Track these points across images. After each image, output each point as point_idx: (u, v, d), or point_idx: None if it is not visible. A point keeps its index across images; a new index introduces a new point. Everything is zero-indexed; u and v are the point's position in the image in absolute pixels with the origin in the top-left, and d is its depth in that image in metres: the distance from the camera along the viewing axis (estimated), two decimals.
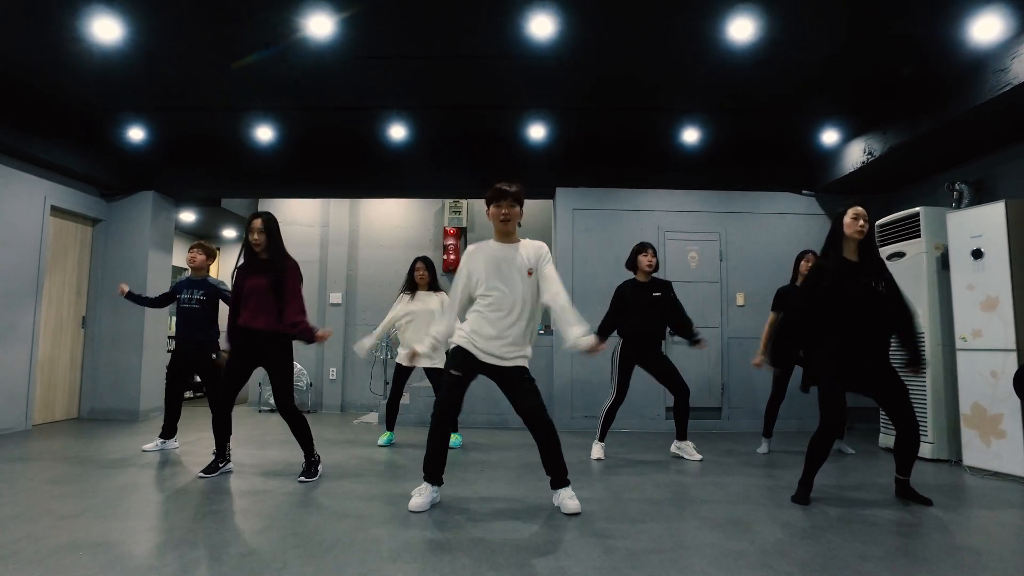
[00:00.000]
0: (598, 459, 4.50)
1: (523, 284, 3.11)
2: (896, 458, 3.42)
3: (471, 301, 3.20)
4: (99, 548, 2.48)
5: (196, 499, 3.26)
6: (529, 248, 3.19)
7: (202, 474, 3.73)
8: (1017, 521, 3.07)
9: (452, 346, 3.21)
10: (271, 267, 3.69)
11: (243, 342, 3.71)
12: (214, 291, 4.63)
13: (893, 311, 3.26)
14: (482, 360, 3.12)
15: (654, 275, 4.60)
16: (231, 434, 3.89)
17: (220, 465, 3.80)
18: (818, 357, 3.28)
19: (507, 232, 3.20)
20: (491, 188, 3.19)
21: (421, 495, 3.14)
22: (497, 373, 3.14)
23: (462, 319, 3.24)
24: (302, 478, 3.70)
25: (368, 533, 2.73)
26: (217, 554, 2.44)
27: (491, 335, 3.09)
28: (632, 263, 4.60)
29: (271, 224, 3.76)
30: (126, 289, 4.66)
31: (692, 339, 4.47)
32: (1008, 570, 2.39)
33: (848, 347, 3.22)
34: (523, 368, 3.14)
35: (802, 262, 4.79)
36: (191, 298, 4.58)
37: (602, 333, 4.42)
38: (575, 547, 2.59)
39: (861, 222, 3.28)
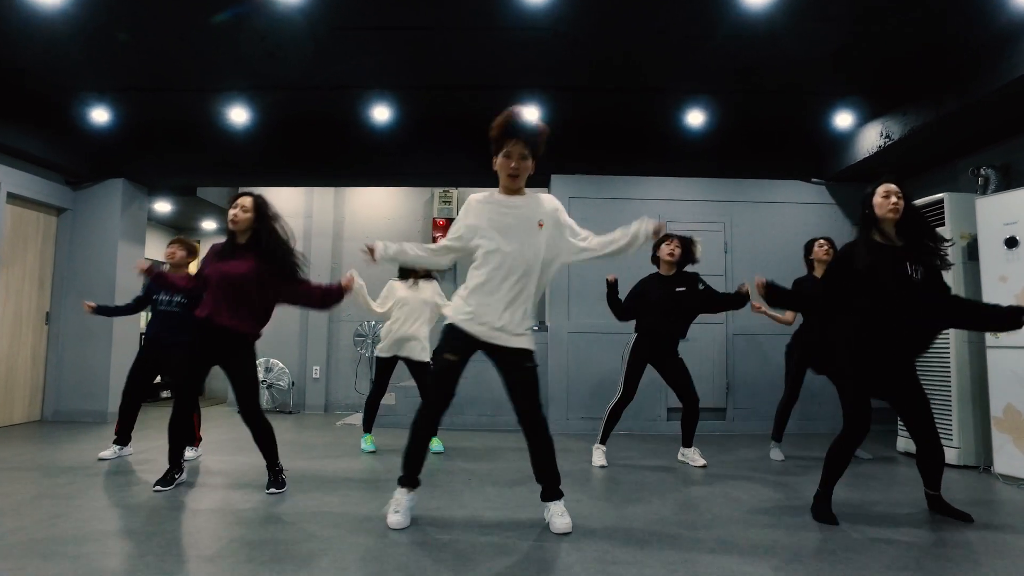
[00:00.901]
0: (601, 466, 4.13)
1: (532, 241, 2.69)
2: (922, 472, 3.07)
3: (459, 254, 2.84)
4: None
5: (143, 518, 2.88)
6: (540, 199, 2.79)
7: (158, 487, 3.34)
8: None
9: (445, 325, 2.83)
10: (259, 253, 3.27)
11: (203, 337, 3.30)
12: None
13: (937, 302, 2.89)
14: (483, 339, 2.70)
15: (681, 268, 4.21)
16: (188, 441, 3.51)
17: (176, 476, 3.41)
18: (846, 352, 2.90)
19: (514, 188, 2.78)
20: (503, 127, 2.64)
21: (399, 510, 2.77)
22: (499, 354, 2.73)
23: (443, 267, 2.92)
24: (272, 489, 3.33)
25: (336, 558, 2.36)
26: None
27: (497, 306, 2.67)
28: (654, 255, 4.24)
29: (262, 206, 3.32)
30: (92, 306, 4.30)
31: (740, 299, 4.10)
32: None
33: (881, 344, 2.85)
34: (527, 352, 2.73)
35: (816, 248, 4.43)
36: (171, 300, 4.17)
37: (620, 314, 4.22)
38: (575, 574, 2.23)
39: (893, 199, 2.89)
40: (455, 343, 2.74)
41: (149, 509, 3.00)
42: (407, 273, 4.66)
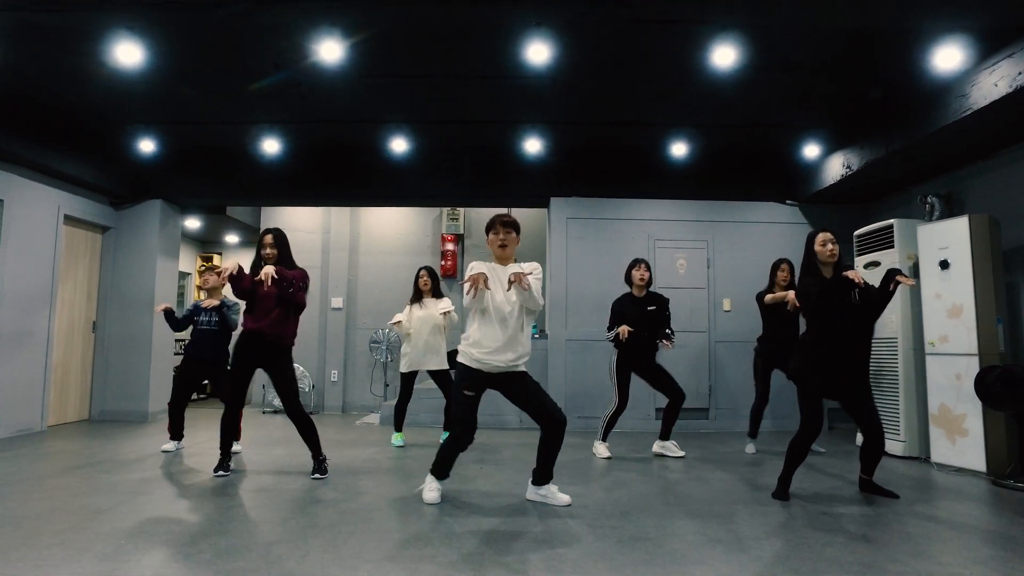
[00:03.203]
0: (606, 457, 4.75)
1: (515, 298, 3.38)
2: (862, 460, 3.71)
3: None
4: (138, 537, 2.72)
5: (215, 495, 3.50)
6: (522, 267, 3.46)
7: (221, 472, 3.97)
8: (968, 511, 3.37)
9: (457, 361, 3.48)
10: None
11: (245, 343, 3.96)
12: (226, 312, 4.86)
13: (865, 311, 3.50)
14: (488, 372, 3.36)
15: (651, 290, 4.86)
16: (238, 436, 4.12)
17: (229, 464, 4.05)
18: (804, 367, 3.53)
19: (504, 257, 3.49)
20: (491, 218, 3.49)
21: (432, 489, 3.43)
22: (504, 382, 3.40)
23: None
24: (316, 475, 3.96)
25: (380, 525, 2.99)
26: (245, 542, 2.69)
27: (496, 346, 3.32)
28: (627, 277, 4.88)
29: (281, 238, 4.07)
30: (165, 307, 4.92)
31: (660, 337, 4.71)
32: (951, 550, 2.68)
33: (834, 360, 3.47)
34: (526, 373, 3.43)
35: (778, 272, 5.01)
36: (210, 320, 4.81)
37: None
38: (569, 536, 2.86)
39: (830, 247, 3.55)
40: (470, 381, 3.39)
41: (216, 490, 3.63)
42: (416, 296, 5.30)
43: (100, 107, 5.35)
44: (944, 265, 4.47)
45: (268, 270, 3.66)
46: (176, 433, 4.87)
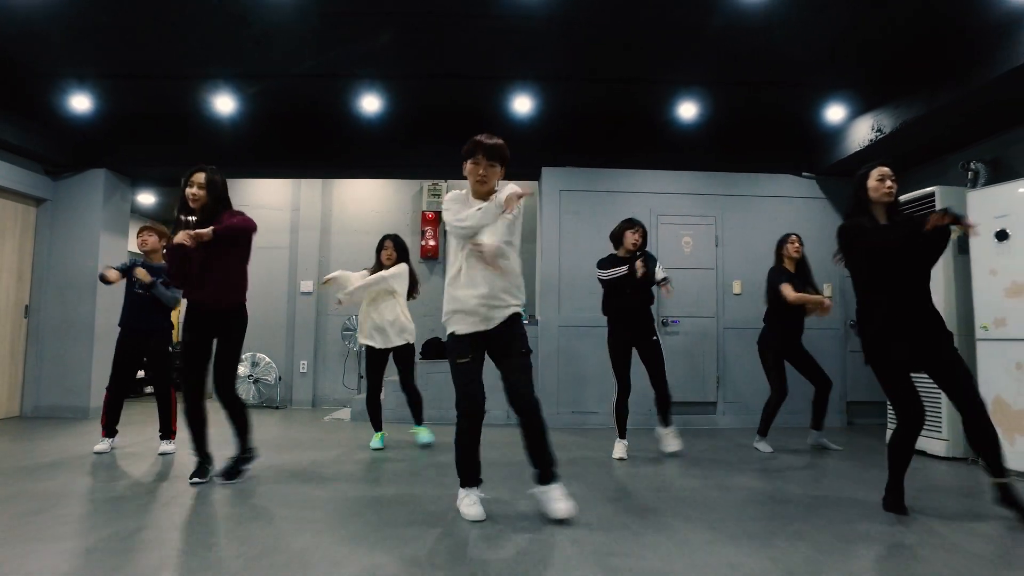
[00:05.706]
0: (620, 458, 4.16)
1: (500, 230, 2.77)
2: (982, 454, 2.88)
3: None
4: None
5: (121, 512, 2.79)
6: (501, 193, 2.82)
7: (195, 479, 3.26)
8: None
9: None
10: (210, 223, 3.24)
11: (193, 318, 3.31)
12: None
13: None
14: (476, 331, 2.77)
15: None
16: (207, 426, 3.40)
17: (208, 467, 3.34)
18: (881, 337, 2.84)
19: (483, 193, 2.86)
20: (472, 143, 2.82)
21: (471, 503, 2.76)
22: (492, 338, 2.80)
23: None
24: (224, 479, 3.29)
25: (329, 552, 2.31)
26: None
27: (476, 294, 2.74)
28: (617, 237, 4.24)
29: (215, 181, 3.34)
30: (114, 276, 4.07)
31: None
32: None
33: (897, 318, 2.81)
34: (516, 317, 2.82)
35: (787, 245, 4.52)
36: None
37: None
38: (572, 566, 2.20)
39: (888, 183, 2.88)
40: (460, 347, 2.79)
41: (127, 504, 2.92)
42: (377, 268, 4.57)
43: (15, 50, 4.55)
44: (1002, 236, 3.85)
45: (182, 236, 3.09)
46: (109, 428, 4.16)
